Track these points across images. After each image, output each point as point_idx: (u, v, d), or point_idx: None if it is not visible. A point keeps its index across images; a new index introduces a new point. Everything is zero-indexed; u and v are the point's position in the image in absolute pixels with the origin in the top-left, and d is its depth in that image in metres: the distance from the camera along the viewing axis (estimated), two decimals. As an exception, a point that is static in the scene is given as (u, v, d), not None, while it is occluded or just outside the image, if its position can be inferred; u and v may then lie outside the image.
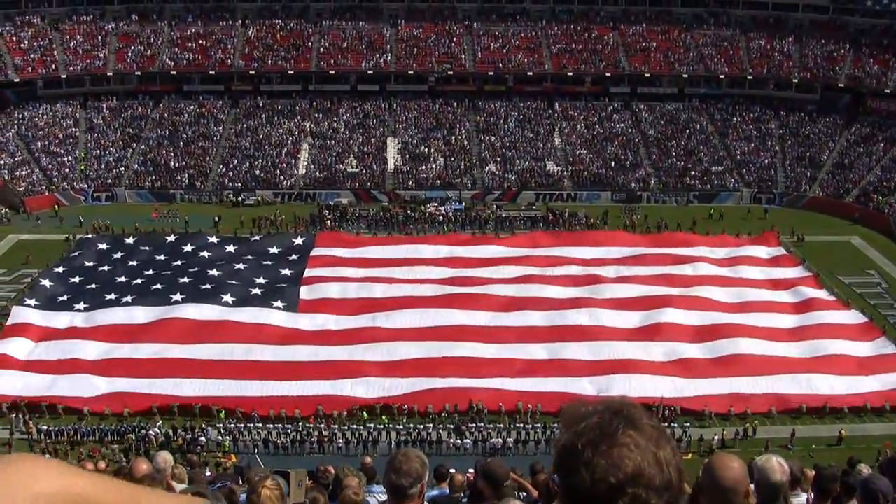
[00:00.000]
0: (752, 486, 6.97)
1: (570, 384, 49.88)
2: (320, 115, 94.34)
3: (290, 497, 6.58)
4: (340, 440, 46.85)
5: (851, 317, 59.20)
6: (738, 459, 4.63)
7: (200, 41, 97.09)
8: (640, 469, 2.58)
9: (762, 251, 69.58)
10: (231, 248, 68.47)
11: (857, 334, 56.74)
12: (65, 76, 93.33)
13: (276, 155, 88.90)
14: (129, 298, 59.46)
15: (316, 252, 68.01)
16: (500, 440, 46.83)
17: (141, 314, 57.68)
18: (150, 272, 63.89)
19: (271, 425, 47.74)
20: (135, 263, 65.64)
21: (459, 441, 46.90)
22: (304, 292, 61.53)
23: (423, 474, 5.41)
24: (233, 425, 47.60)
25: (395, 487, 5.36)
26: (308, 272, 64.48)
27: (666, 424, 42.01)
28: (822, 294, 62.55)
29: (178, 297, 59.51)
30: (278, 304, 59.78)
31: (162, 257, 66.73)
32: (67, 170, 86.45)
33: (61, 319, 57.54)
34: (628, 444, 2.60)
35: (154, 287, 61.01)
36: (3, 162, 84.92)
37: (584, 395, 46.61)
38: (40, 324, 56.92)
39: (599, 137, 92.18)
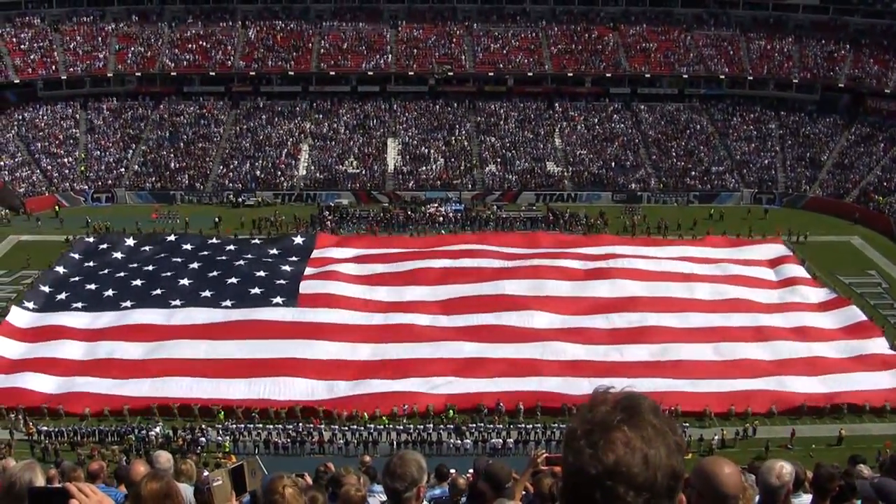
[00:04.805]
0: (752, 484, 6.99)
1: (570, 384, 49.82)
2: (320, 116, 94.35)
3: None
4: (340, 440, 46.81)
5: (850, 315, 59.11)
6: (730, 463, 4.65)
7: (200, 42, 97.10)
8: (621, 464, 2.63)
9: (764, 251, 69.47)
10: (231, 248, 68.38)
11: (855, 333, 56.78)
12: (65, 77, 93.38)
13: (277, 156, 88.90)
14: (128, 302, 59.25)
15: (316, 253, 67.94)
16: (500, 440, 46.79)
17: (139, 316, 57.47)
18: (151, 271, 63.57)
19: (271, 426, 47.75)
20: (135, 265, 65.31)
21: (459, 441, 46.84)
22: (304, 288, 61.39)
23: (419, 478, 5.43)
24: (233, 426, 47.59)
25: (391, 491, 5.40)
26: (308, 271, 64.39)
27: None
28: (820, 294, 62.57)
29: (177, 301, 59.34)
30: (277, 300, 59.76)
31: (161, 257, 66.52)
32: (67, 171, 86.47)
33: (59, 320, 57.26)
34: (618, 439, 2.66)
35: (154, 292, 60.57)
36: (3, 163, 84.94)
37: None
38: (37, 325, 56.82)
39: (599, 138, 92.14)
